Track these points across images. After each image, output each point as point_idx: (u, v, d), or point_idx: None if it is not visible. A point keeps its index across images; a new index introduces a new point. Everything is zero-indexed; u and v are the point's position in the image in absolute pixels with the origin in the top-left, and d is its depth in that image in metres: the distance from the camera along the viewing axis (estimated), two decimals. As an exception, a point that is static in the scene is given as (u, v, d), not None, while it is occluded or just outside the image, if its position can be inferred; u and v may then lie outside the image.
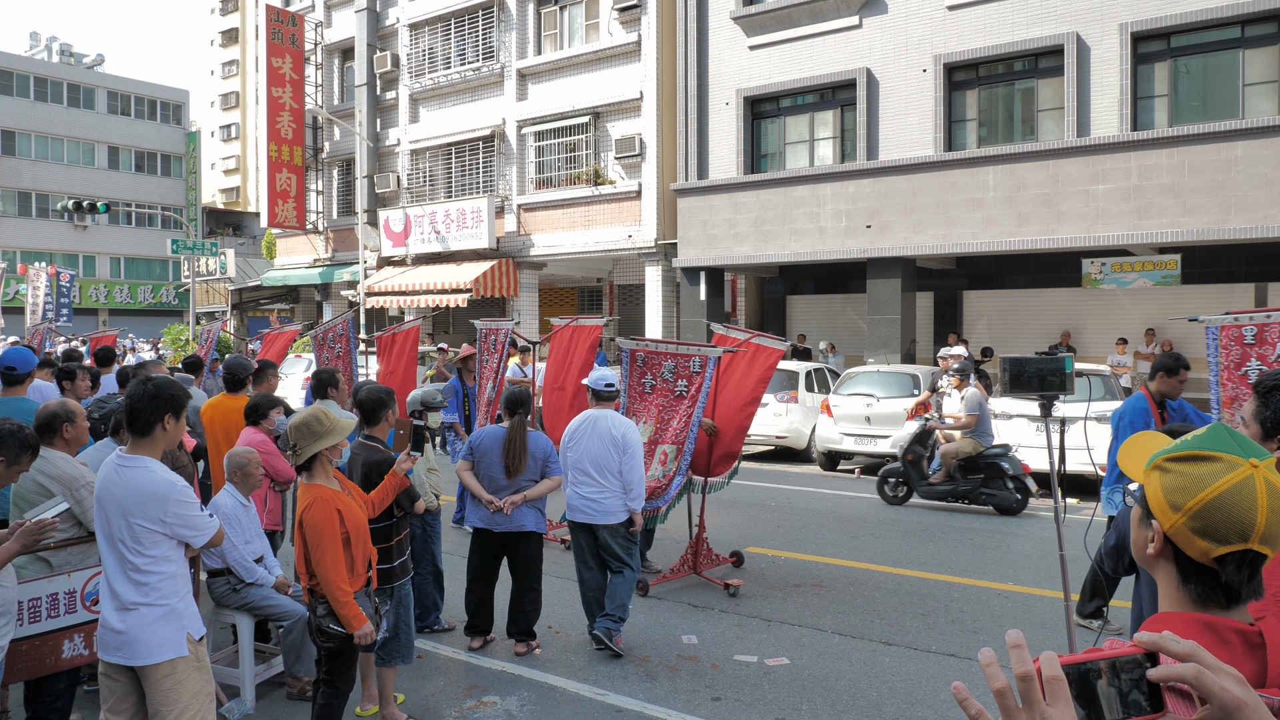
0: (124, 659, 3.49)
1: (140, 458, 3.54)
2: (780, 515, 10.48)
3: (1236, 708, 1.06)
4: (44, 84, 47.30)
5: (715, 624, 6.74)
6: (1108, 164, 14.75)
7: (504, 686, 5.55)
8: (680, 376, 7.31)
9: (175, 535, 3.53)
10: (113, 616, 3.51)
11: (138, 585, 3.49)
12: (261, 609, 5.26)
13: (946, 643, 6.32)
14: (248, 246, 49.21)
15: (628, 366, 7.66)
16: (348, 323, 10.56)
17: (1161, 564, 1.46)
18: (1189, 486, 1.39)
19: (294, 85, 27.25)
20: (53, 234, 46.92)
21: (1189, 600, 1.43)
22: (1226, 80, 14.52)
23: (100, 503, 3.54)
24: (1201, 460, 1.40)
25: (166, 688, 3.49)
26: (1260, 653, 1.35)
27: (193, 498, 3.58)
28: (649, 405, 7.50)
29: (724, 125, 19.22)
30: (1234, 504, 1.36)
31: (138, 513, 3.46)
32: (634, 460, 6.13)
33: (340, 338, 10.48)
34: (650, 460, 7.30)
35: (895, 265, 16.95)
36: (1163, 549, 1.44)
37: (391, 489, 4.66)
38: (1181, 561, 1.42)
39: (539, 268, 23.42)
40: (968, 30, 16.19)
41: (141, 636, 3.47)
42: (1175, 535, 1.41)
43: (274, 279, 30.08)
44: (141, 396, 3.54)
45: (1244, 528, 1.35)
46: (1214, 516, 1.37)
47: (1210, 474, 1.38)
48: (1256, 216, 13.66)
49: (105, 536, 3.54)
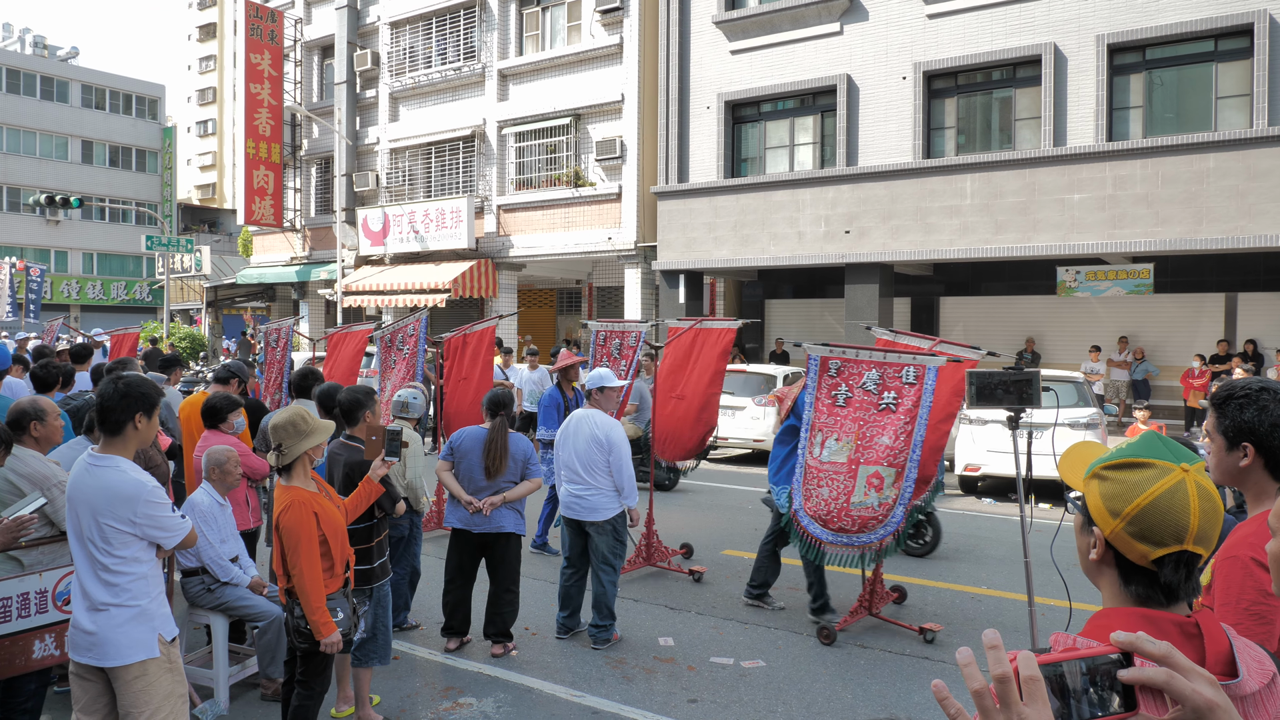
0: (94, 660, 3.46)
1: (111, 457, 3.50)
2: (756, 518, 10.50)
3: (1209, 709, 1.09)
4: (16, 76, 46.65)
5: (692, 626, 6.76)
6: (1083, 173, 14.92)
7: (480, 688, 5.54)
8: (887, 389, 6.30)
9: (145, 536, 3.50)
10: (83, 617, 3.47)
11: (108, 585, 3.45)
12: (236, 609, 5.22)
13: (920, 645, 6.37)
14: (224, 244, 48.73)
15: (816, 376, 6.68)
16: (421, 323, 9.80)
17: (1104, 569, 1.52)
18: (1125, 493, 1.46)
19: (273, 82, 27.05)
20: (24, 228, 46.28)
21: (1131, 599, 1.49)
22: (1199, 93, 14.73)
23: (71, 502, 3.51)
24: (1136, 468, 1.47)
25: (137, 689, 3.46)
26: (1197, 642, 1.42)
27: (163, 498, 3.54)
28: (841, 420, 6.46)
29: (705, 129, 19.28)
30: (1169, 508, 1.43)
31: (107, 513, 3.42)
32: (620, 458, 6.25)
33: (410, 338, 9.83)
34: (854, 483, 6.39)
35: (873, 271, 17.07)
36: (1104, 554, 1.50)
37: (366, 496, 4.59)
38: (1123, 565, 1.49)
39: (518, 269, 23.37)
40: (947, 39, 16.33)
41: (111, 638, 3.44)
42: (1115, 540, 1.48)
43: (250, 277, 29.83)
44: (112, 395, 3.50)
45: (1179, 530, 1.43)
46: (1150, 520, 1.44)
47: (1145, 480, 1.46)
48: (1227, 227, 13.86)
49: (76, 536, 3.50)
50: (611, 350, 8.74)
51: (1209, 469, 2.31)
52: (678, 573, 8.17)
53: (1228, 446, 2.25)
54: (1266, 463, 2.19)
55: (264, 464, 6.00)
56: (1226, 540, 2.11)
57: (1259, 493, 2.21)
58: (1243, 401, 2.22)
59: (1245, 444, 2.20)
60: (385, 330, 10.14)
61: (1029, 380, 4.99)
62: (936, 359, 6.28)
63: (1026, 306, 19.24)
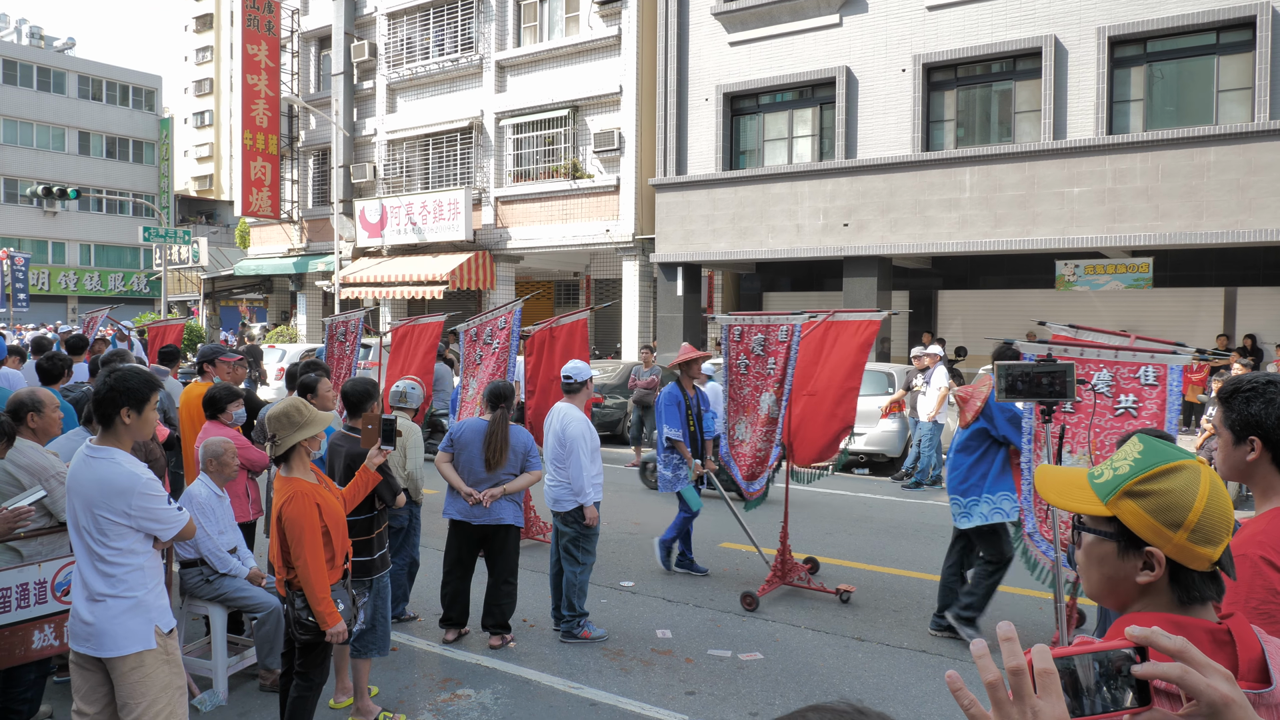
0: (91, 650, 3.46)
1: (108, 449, 3.49)
2: (753, 512, 10.49)
3: (1224, 705, 1.07)
4: (13, 67, 46.48)
5: (689, 619, 6.76)
6: (1083, 167, 14.90)
7: (479, 679, 5.54)
8: (1124, 391, 5.77)
9: (140, 528, 3.48)
10: (82, 607, 3.48)
11: (105, 577, 3.45)
12: (235, 600, 5.22)
13: (918, 639, 6.37)
14: (221, 235, 48.67)
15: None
16: (514, 315, 8.82)
17: (1152, 586, 1.43)
18: (1179, 502, 1.38)
19: (269, 73, 26.96)
20: (21, 219, 46.17)
21: (1174, 604, 1.43)
22: (1200, 86, 14.70)
23: (70, 493, 3.50)
24: (1170, 474, 1.40)
25: (134, 680, 3.45)
26: (1230, 649, 1.37)
27: (159, 490, 3.52)
28: (1074, 429, 5.92)
29: (703, 121, 19.23)
30: (1219, 503, 1.38)
31: (102, 504, 3.42)
32: (574, 455, 6.18)
33: (501, 332, 8.86)
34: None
35: (871, 264, 17.05)
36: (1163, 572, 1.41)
37: (363, 485, 4.57)
38: (1177, 576, 1.41)
39: (516, 261, 23.34)
40: (947, 31, 16.29)
41: (108, 629, 3.43)
42: (1179, 553, 1.40)
43: (247, 268, 29.79)
44: (102, 388, 3.50)
45: (1230, 520, 1.39)
46: (1212, 521, 1.38)
47: (1188, 484, 1.39)
48: (1227, 221, 13.85)
49: (74, 527, 3.51)
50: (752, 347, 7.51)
51: (1216, 464, 2.30)
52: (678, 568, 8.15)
53: (1235, 440, 2.23)
54: (1274, 457, 2.17)
55: (263, 456, 5.99)
56: (1235, 538, 2.10)
57: (1266, 488, 2.19)
58: (1249, 395, 2.20)
59: (1252, 438, 2.19)
60: (470, 324, 9.17)
61: (1064, 372, 4.89)
62: (1179, 357, 5.60)
63: (1025, 300, 19.23)
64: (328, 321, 10.33)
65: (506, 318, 8.79)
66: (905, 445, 13.27)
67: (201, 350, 7.36)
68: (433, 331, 9.91)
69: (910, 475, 12.47)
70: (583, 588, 6.29)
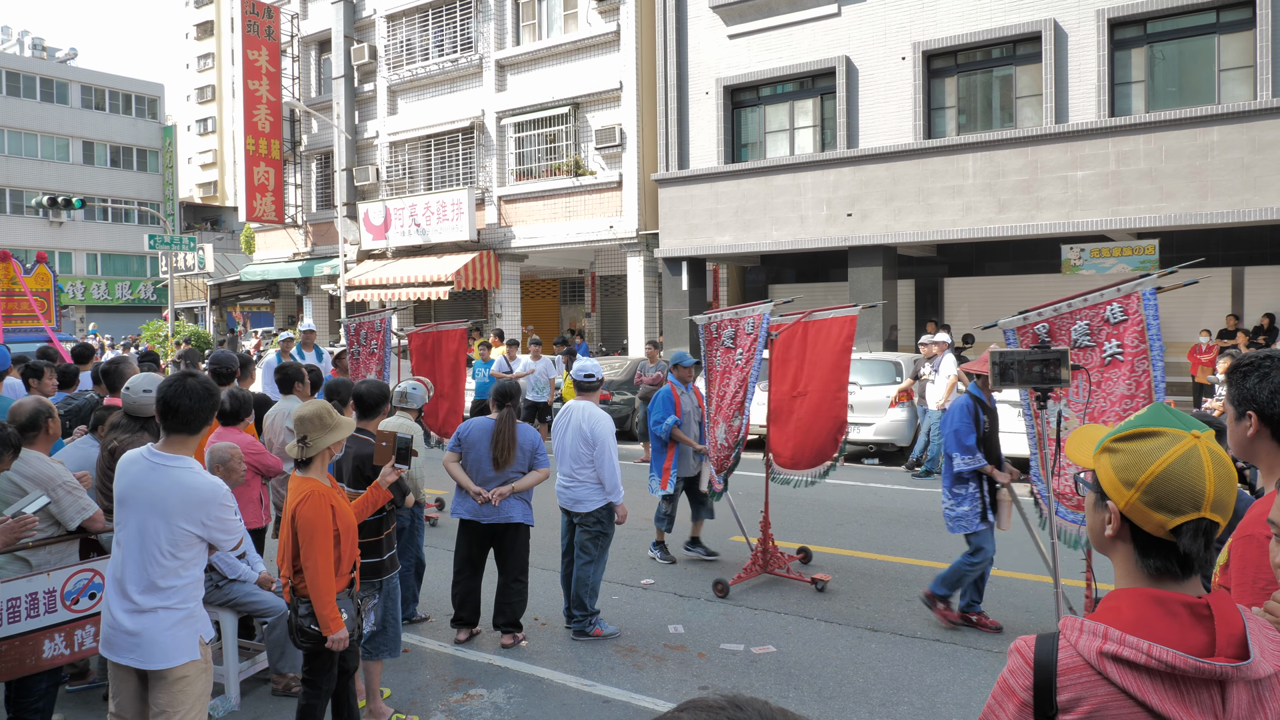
0: (136, 661, 3.37)
1: (182, 457, 3.44)
2: (762, 504, 10.47)
3: None
4: (16, 78, 46.63)
5: (701, 613, 6.75)
6: (1086, 150, 14.82)
7: (491, 679, 5.54)
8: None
9: (209, 538, 3.45)
10: (125, 618, 3.37)
11: (161, 589, 3.36)
12: (245, 605, 5.22)
13: (931, 628, 6.35)
14: (226, 241, 48.74)
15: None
16: (762, 319, 7.61)
17: (1119, 545, 1.51)
18: (1138, 462, 1.45)
19: (270, 78, 26.98)
20: (28, 230, 46.30)
21: (1146, 575, 1.48)
22: (1202, 66, 14.61)
23: (126, 502, 3.42)
24: (1146, 437, 1.46)
25: (177, 690, 3.40)
26: (1208, 624, 1.40)
27: (234, 501, 3.52)
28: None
29: (704, 115, 19.19)
30: (1183, 474, 1.42)
31: (181, 515, 3.35)
32: (603, 453, 6.19)
33: (748, 336, 7.91)
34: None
35: (876, 253, 16.99)
36: (1120, 529, 1.49)
37: (373, 501, 4.54)
38: (1139, 538, 1.47)
39: (520, 259, 23.34)
40: (946, 17, 16.21)
41: (159, 639, 3.36)
42: (1131, 512, 1.46)
43: (253, 274, 29.84)
44: (193, 393, 3.41)
45: (1195, 496, 1.41)
46: (1166, 487, 1.42)
47: (1157, 448, 1.44)
48: (1233, 201, 13.76)
49: (131, 536, 3.39)
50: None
51: (1229, 445, 2.29)
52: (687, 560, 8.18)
53: (1236, 417, 2.23)
54: (1274, 433, 2.16)
55: (278, 461, 5.99)
56: (1243, 519, 2.08)
57: (1269, 466, 2.18)
58: (1246, 370, 2.20)
59: (1249, 412, 2.18)
60: (710, 318, 7.93)
61: (1058, 359, 4.86)
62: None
63: (1031, 286, 19.12)
64: (349, 322, 10.14)
65: (754, 320, 7.52)
66: (914, 434, 13.23)
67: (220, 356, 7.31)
68: (457, 339, 9.82)
69: (920, 464, 12.43)
70: (595, 586, 6.29)
